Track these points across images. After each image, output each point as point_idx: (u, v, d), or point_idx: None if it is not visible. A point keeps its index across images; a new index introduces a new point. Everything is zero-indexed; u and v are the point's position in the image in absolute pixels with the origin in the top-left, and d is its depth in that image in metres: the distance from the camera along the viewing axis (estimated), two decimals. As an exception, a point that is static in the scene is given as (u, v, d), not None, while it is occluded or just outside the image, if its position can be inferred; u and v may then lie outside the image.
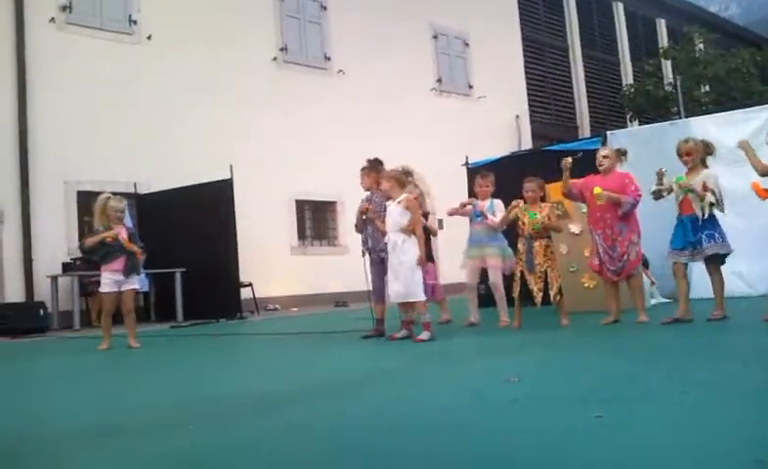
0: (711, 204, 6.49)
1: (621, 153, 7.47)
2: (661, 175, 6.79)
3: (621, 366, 4.62)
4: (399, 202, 6.75)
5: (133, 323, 8.08)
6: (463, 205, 8.18)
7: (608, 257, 7.14)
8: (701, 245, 6.49)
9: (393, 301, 6.88)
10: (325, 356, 6.42)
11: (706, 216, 6.49)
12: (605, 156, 7.31)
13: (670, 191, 6.76)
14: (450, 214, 8.31)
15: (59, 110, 13.36)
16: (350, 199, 16.13)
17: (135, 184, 13.72)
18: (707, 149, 6.79)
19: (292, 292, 15.70)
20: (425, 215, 8.50)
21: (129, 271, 7.90)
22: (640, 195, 7.06)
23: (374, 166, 7.45)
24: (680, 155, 6.75)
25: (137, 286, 8.22)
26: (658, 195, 6.84)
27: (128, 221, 9.88)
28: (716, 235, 6.48)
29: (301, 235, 16.96)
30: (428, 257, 8.39)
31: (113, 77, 14.08)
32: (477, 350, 6.03)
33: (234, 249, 12.54)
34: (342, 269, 15.50)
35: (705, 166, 6.74)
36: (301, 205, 16.98)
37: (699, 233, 6.50)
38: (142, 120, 14.20)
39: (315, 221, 17.46)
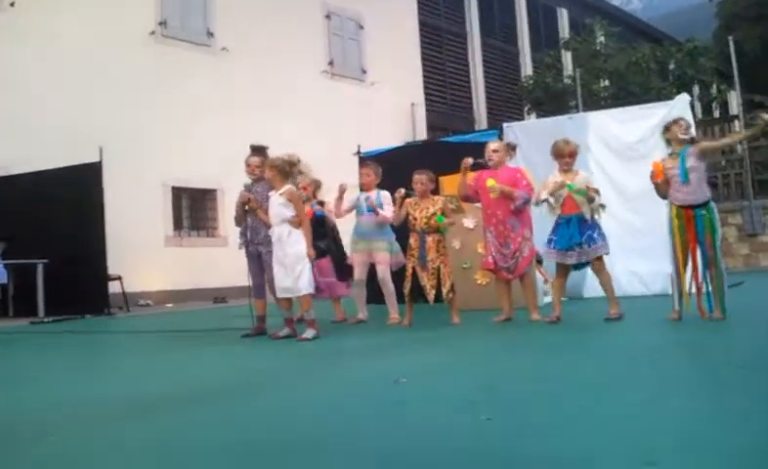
0: (601, 205, 6.87)
1: (512, 148, 7.66)
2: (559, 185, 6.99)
3: (513, 366, 4.74)
4: (281, 194, 6.72)
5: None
6: (341, 191, 8.11)
7: (500, 255, 7.30)
8: (588, 245, 6.75)
9: (278, 296, 6.84)
10: (202, 357, 6.29)
11: (599, 218, 6.84)
12: (494, 150, 7.44)
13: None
14: (339, 216, 8.27)
15: None
16: (231, 187, 15.87)
17: (-8, 165, 13.11)
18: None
19: (167, 287, 15.37)
20: (321, 203, 8.46)
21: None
22: (533, 190, 7.23)
23: (263, 153, 7.35)
24: (562, 156, 6.98)
25: None
26: (543, 202, 7.04)
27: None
28: (599, 236, 6.80)
29: (177, 225, 16.58)
30: (322, 252, 8.31)
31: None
32: (365, 349, 6.05)
33: (102, 239, 12.14)
34: (222, 262, 15.27)
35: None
36: (178, 193, 16.58)
37: (585, 232, 6.77)
38: (2, 97, 13.55)
39: (192, 210, 17.10)
